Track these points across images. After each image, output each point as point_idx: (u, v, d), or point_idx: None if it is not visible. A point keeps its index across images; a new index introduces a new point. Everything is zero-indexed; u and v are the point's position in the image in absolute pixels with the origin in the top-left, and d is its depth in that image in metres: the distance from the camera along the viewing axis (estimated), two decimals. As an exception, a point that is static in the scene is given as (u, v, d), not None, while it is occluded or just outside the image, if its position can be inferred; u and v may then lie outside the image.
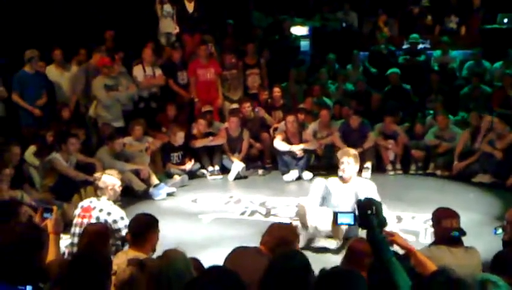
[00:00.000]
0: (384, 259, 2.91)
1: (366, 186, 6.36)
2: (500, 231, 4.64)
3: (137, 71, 10.06)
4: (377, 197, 5.59)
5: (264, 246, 4.03)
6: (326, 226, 6.08)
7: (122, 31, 10.80)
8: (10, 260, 2.80)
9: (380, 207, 3.06)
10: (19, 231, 2.94)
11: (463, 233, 4.29)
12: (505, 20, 12.31)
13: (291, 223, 5.62)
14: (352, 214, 3.19)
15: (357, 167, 6.53)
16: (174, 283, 3.08)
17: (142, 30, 11.06)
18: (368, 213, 3.00)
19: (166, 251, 3.34)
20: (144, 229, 4.38)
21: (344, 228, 5.98)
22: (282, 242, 3.93)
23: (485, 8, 12.58)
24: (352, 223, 3.19)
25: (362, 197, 3.23)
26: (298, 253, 2.94)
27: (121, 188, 5.92)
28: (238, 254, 3.90)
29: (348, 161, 6.41)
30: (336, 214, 3.31)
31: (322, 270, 2.60)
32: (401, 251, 3.95)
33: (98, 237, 4.41)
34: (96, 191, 5.91)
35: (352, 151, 6.69)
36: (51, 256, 3.91)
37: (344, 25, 13.60)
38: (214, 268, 2.67)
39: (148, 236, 4.35)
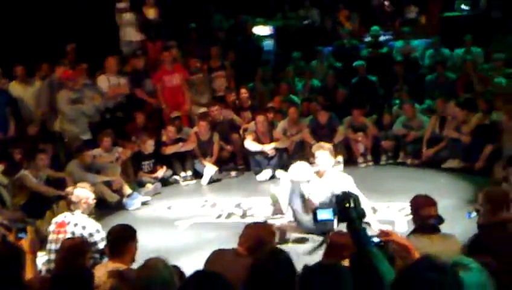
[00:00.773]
0: (367, 250, 2.94)
1: (342, 180, 6.41)
2: (474, 214, 4.72)
3: (102, 82, 9.97)
4: (355, 189, 5.65)
5: (241, 247, 4.04)
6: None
7: (84, 42, 10.69)
8: None
9: (357, 199, 3.09)
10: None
11: (441, 220, 4.35)
12: (463, 7, 12.53)
13: (266, 222, 5.63)
14: (331, 209, 3.21)
15: (332, 160, 6.57)
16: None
17: (104, 40, 10.96)
18: (346, 206, 3.03)
19: (147, 260, 3.32)
20: (122, 240, 4.34)
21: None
22: (258, 241, 3.94)
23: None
24: (331, 218, 3.21)
25: (339, 191, 3.25)
26: (280, 252, 2.95)
27: (94, 201, 5.87)
28: (217, 257, 3.91)
29: (323, 155, 6.45)
30: (315, 211, 3.32)
31: (305, 267, 2.61)
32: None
33: (76, 252, 4.36)
34: (69, 206, 5.85)
35: (327, 145, 6.75)
36: (28, 275, 3.86)
37: (306, 22, 13.67)
38: (198, 273, 2.66)
39: (127, 247, 4.31)
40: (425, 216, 4.31)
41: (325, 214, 3.23)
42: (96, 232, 5.50)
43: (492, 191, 4.63)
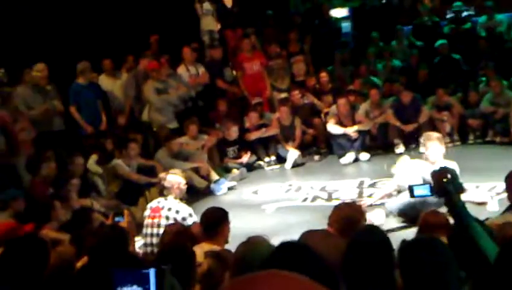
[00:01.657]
0: (466, 225, 2.90)
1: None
2: None
3: (182, 71, 10.22)
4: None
5: (331, 227, 4.09)
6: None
7: (165, 34, 10.97)
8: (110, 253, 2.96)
9: (455, 174, 3.06)
10: (106, 232, 3.11)
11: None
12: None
13: (356, 203, 5.65)
14: (427, 185, 3.19)
15: (443, 148, 6.49)
16: (259, 268, 3.16)
17: (185, 31, 11.21)
18: (443, 181, 3.00)
19: (250, 237, 3.43)
20: (216, 222, 4.50)
21: None
22: (349, 221, 3.98)
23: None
24: (429, 193, 3.19)
25: None
26: (377, 228, 2.99)
27: (186, 186, 6.07)
28: (308, 237, 3.96)
29: (434, 145, 6.40)
30: (411, 187, 3.32)
31: (404, 242, 2.64)
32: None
33: (180, 235, 4.54)
34: (162, 192, 6.08)
35: (435, 134, 6.67)
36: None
37: (384, 1, 13.44)
38: (286, 244, 2.70)
39: (221, 229, 4.47)
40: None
41: (421, 190, 3.23)
42: (189, 216, 5.70)
43: None
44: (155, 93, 9.61)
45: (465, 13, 12.09)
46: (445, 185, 2.98)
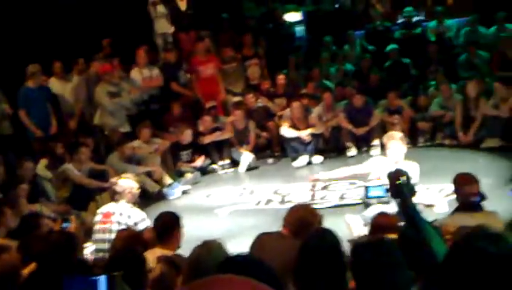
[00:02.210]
0: (418, 226, 2.96)
1: (410, 168, 6.46)
2: (515, 192, 4.72)
3: (135, 74, 10.13)
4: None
5: (286, 228, 4.11)
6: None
7: (118, 36, 10.85)
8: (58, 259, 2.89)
9: (408, 177, 3.11)
10: (54, 238, 3.05)
11: (483, 198, 4.35)
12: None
13: (310, 205, 5.69)
14: (382, 187, 3.24)
15: (404, 148, 6.53)
16: (214, 272, 3.14)
17: (138, 33, 11.10)
18: (398, 183, 3.05)
19: (205, 241, 3.41)
20: (169, 227, 4.47)
21: None
22: (303, 223, 4.00)
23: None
24: (383, 195, 3.24)
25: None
26: (329, 232, 3.01)
27: (138, 191, 6.00)
28: (262, 240, 3.97)
29: (395, 145, 6.43)
30: (366, 188, 3.36)
31: (352, 242, 2.66)
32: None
33: (131, 241, 4.48)
34: (113, 197, 5.99)
35: (398, 134, 6.65)
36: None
37: (337, 5, 13.61)
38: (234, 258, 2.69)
39: (173, 234, 4.43)
40: (467, 194, 4.32)
41: (376, 191, 3.27)
42: (142, 221, 5.64)
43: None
44: (107, 97, 9.50)
45: (415, 18, 12.35)
46: (400, 186, 3.03)
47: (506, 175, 7.46)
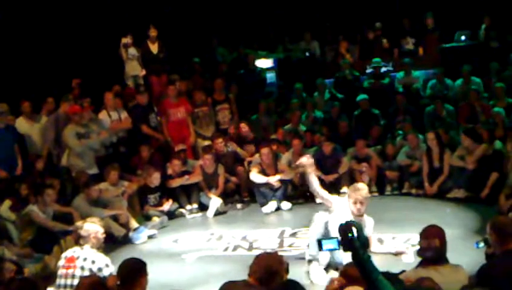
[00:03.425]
0: (372, 278, 2.97)
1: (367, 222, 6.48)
2: (482, 244, 4.75)
3: (104, 116, 10.10)
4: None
5: (252, 277, 4.06)
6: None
7: (89, 77, 10.84)
8: None
9: (360, 229, 3.14)
10: (17, 284, 2.96)
11: (442, 252, 4.38)
12: (462, 38, 12.69)
13: (277, 252, 5.64)
14: (335, 239, 3.24)
15: (367, 202, 6.51)
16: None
17: (109, 75, 11.11)
18: (349, 236, 3.08)
19: None
20: (133, 274, 4.37)
21: None
22: (269, 271, 3.97)
23: (442, 27, 12.94)
24: (336, 247, 3.23)
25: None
26: (294, 283, 2.99)
27: (104, 235, 5.89)
28: (228, 288, 3.93)
29: (361, 200, 6.44)
30: (320, 241, 3.36)
31: None
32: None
33: (95, 287, 4.38)
34: (78, 241, 5.87)
35: (364, 190, 6.53)
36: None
37: (307, 54, 13.85)
38: None
39: (138, 281, 4.34)
40: (433, 247, 4.35)
41: (329, 244, 3.26)
42: (106, 266, 5.51)
43: (500, 220, 4.66)
44: (75, 138, 9.40)
45: (384, 69, 12.61)
46: (351, 240, 3.05)
47: (472, 226, 7.55)
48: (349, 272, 3.92)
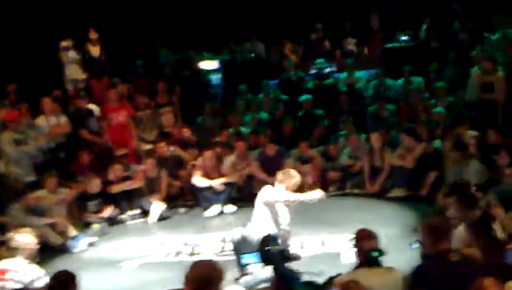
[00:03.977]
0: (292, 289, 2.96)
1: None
2: (416, 245, 4.79)
3: (41, 122, 9.85)
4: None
5: (187, 286, 3.97)
6: None
7: (25, 82, 10.54)
8: None
9: (278, 241, 3.12)
10: None
11: (382, 253, 4.39)
12: (403, 38, 12.87)
13: (213, 260, 5.54)
14: (256, 253, 3.19)
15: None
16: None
17: (49, 79, 10.83)
18: (267, 249, 3.05)
19: None
20: (64, 286, 4.23)
21: None
22: (205, 280, 3.87)
23: (385, 27, 13.10)
24: (258, 261, 3.19)
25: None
26: None
27: (37, 246, 5.70)
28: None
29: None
30: (240, 255, 3.31)
31: None
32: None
33: None
34: (11, 252, 5.67)
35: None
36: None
37: (252, 55, 13.82)
38: None
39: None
40: (366, 249, 4.35)
41: (250, 258, 3.22)
42: (38, 278, 5.33)
43: (432, 221, 4.69)
44: (12, 145, 9.14)
45: (327, 69, 12.68)
46: (270, 253, 3.03)
47: (411, 225, 7.62)
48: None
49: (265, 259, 3.04)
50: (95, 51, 11.18)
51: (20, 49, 11.05)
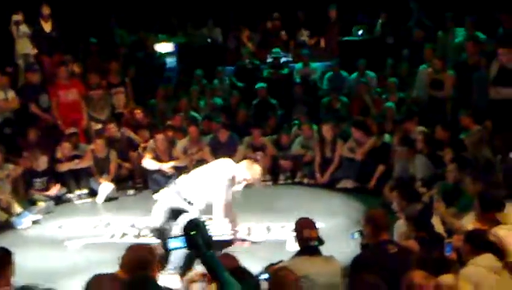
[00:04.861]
0: (218, 275, 3.00)
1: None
2: (356, 235, 4.90)
3: (-13, 96, 9.63)
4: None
5: (122, 269, 3.95)
6: None
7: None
8: None
9: (203, 226, 3.14)
10: None
11: (321, 242, 4.47)
12: (360, 32, 13.02)
13: (149, 244, 5.49)
14: (182, 237, 3.20)
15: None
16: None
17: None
18: (191, 234, 3.08)
19: (24, 286, 3.18)
20: (-2, 263, 4.15)
21: None
22: (139, 264, 3.84)
23: (341, 20, 13.21)
24: (183, 245, 3.20)
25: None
26: (145, 278, 2.92)
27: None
28: (95, 281, 3.80)
29: None
30: (166, 239, 3.33)
31: None
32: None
33: None
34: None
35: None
36: None
37: (209, 40, 13.75)
38: None
39: (2, 270, 4.12)
40: (306, 238, 4.42)
41: (176, 242, 3.22)
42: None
43: (373, 213, 4.82)
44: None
45: (283, 59, 12.72)
46: (194, 238, 3.05)
47: (357, 216, 7.74)
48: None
49: (189, 244, 3.06)
50: (46, 26, 10.93)
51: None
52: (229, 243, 6.54)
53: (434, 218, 5.37)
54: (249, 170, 6.71)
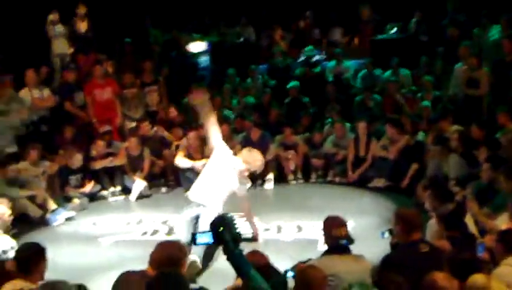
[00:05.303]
0: (243, 273, 3.01)
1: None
2: (387, 234, 4.84)
3: (25, 94, 9.80)
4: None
5: (151, 266, 3.97)
6: None
7: (10, 54, 10.45)
8: None
9: (231, 222, 3.16)
10: None
11: (351, 241, 4.43)
12: (393, 30, 12.88)
13: (178, 241, 5.53)
14: (210, 233, 3.21)
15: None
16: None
17: (33, 52, 10.74)
18: (219, 230, 3.10)
19: (49, 282, 3.24)
20: (30, 258, 4.22)
21: None
22: (169, 260, 3.86)
23: (375, 19, 13.09)
24: (211, 241, 3.22)
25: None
26: (172, 275, 2.94)
27: (11, 217, 5.71)
28: (124, 278, 3.85)
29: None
30: (194, 235, 3.32)
31: None
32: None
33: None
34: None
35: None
36: None
37: (242, 39, 13.77)
38: None
39: (35, 266, 4.19)
40: (336, 237, 4.39)
41: (204, 238, 3.23)
42: (11, 249, 5.35)
43: (405, 212, 4.75)
44: (-5, 115, 9.10)
45: (316, 57, 12.66)
46: (222, 234, 3.07)
47: (388, 216, 7.66)
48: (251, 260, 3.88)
49: (216, 240, 3.09)
50: (82, 26, 11.10)
51: (7, 21, 10.93)
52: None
53: (467, 218, 5.29)
54: (249, 158, 6.70)
